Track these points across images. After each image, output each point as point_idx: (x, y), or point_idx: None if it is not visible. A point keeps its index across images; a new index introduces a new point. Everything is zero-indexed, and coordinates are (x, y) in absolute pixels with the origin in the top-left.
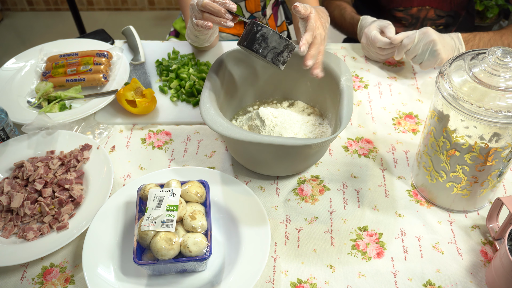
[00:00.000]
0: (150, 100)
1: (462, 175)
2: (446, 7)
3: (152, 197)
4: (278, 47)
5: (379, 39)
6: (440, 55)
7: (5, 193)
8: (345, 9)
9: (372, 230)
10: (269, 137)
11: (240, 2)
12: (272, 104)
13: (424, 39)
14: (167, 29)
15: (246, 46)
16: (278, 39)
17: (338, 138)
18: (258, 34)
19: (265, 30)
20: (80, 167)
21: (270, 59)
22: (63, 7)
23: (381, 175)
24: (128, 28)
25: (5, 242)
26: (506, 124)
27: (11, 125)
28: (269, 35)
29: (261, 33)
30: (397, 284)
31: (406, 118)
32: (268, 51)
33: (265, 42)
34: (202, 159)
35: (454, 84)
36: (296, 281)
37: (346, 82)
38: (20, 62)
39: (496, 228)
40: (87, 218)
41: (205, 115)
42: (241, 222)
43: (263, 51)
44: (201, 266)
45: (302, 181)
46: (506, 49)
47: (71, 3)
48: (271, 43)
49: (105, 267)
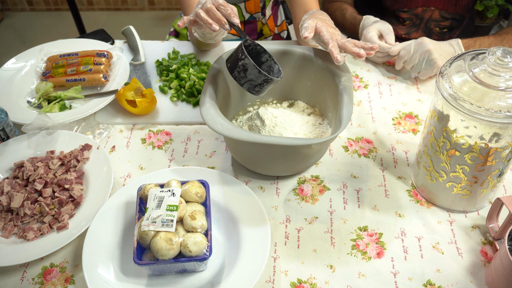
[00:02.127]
0: (150, 100)
1: (462, 175)
2: (451, 9)
3: (152, 197)
4: (255, 80)
5: (374, 42)
6: (437, 64)
7: (5, 193)
8: (346, 10)
9: (372, 230)
10: (269, 137)
11: (240, 3)
12: (272, 104)
13: (420, 49)
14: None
15: (228, 68)
16: (257, 73)
17: (338, 138)
18: (240, 62)
19: (246, 61)
20: (80, 167)
21: (246, 89)
22: (63, 7)
23: (381, 175)
24: (128, 28)
25: (5, 242)
26: (506, 124)
27: (11, 125)
28: (248, 67)
29: (243, 62)
30: (397, 284)
31: (406, 118)
32: (245, 81)
33: (244, 72)
34: (202, 159)
35: (454, 84)
36: (296, 281)
37: (346, 82)
38: (20, 62)
39: (496, 228)
40: (87, 218)
41: (205, 115)
42: (241, 222)
43: (240, 80)
44: (201, 266)
45: (302, 181)
46: (506, 49)
47: (71, 3)
48: (249, 75)
49: (105, 267)
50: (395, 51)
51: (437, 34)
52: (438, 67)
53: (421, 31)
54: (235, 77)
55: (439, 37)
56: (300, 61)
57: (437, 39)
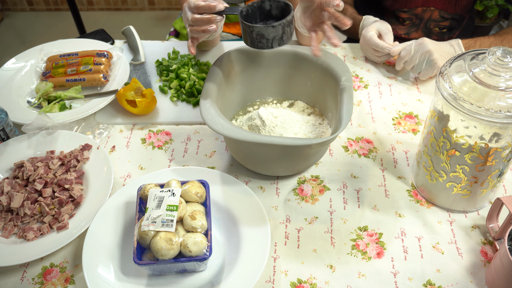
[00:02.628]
0: (150, 100)
1: (462, 175)
2: (451, 9)
3: (152, 197)
4: (277, 33)
5: (373, 41)
6: (437, 64)
7: (5, 193)
8: (346, 10)
9: (372, 230)
10: (269, 137)
11: (239, 3)
12: (272, 104)
13: (420, 50)
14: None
15: (251, 46)
16: (272, 28)
17: (338, 138)
18: (254, 34)
19: (257, 29)
20: (80, 167)
21: (277, 46)
22: (63, 7)
23: (381, 175)
24: (128, 28)
25: (5, 242)
26: (506, 124)
27: (11, 125)
28: (262, 31)
29: (256, 32)
30: (397, 284)
31: (406, 118)
32: (271, 43)
33: (263, 38)
34: (202, 159)
35: (454, 84)
36: (296, 281)
37: (346, 82)
38: (20, 62)
39: (496, 228)
40: (87, 218)
41: (205, 115)
42: (241, 222)
43: (267, 45)
44: (201, 266)
45: (302, 181)
46: (506, 49)
47: (71, 3)
48: (269, 35)
49: (105, 267)
50: (396, 51)
51: (437, 34)
52: (439, 68)
53: (421, 31)
54: (261, 47)
55: (438, 37)
56: (300, 61)
57: (436, 39)
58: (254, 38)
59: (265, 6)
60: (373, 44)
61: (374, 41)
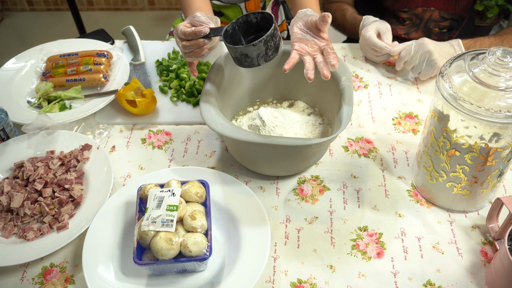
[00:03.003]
0: (150, 100)
1: (462, 175)
2: (451, 10)
3: (152, 197)
4: (260, 51)
5: (372, 41)
6: (437, 64)
7: (5, 193)
8: (346, 10)
9: (372, 230)
10: (269, 137)
11: (240, 3)
12: (272, 104)
13: (421, 50)
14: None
15: (240, 66)
16: (253, 47)
17: (338, 138)
18: (238, 54)
19: (239, 50)
20: (80, 167)
21: (266, 61)
22: (63, 7)
23: (381, 175)
24: (128, 28)
25: (5, 242)
26: (506, 124)
27: (11, 125)
28: (246, 51)
29: (239, 52)
30: (397, 284)
31: (406, 118)
32: (257, 60)
33: (247, 57)
34: (202, 159)
35: (454, 84)
36: (296, 281)
37: (346, 82)
38: (20, 62)
39: (496, 228)
40: (87, 218)
41: (205, 115)
42: (241, 222)
43: (253, 63)
44: (201, 266)
45: (302, 181)
46: (506, 49)
47: (71, 3)
48: (252, 54)
49: (105, 267)
50: (396, 51)
51: (437, 34)
52: (439, 68)
53: (421, 31)
54: (248, 65)
55: (438, 37)
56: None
57: (436, 39)
58: (239, 58)
59: (251, 20)
60: (371, 44)
61: (373, 41)
